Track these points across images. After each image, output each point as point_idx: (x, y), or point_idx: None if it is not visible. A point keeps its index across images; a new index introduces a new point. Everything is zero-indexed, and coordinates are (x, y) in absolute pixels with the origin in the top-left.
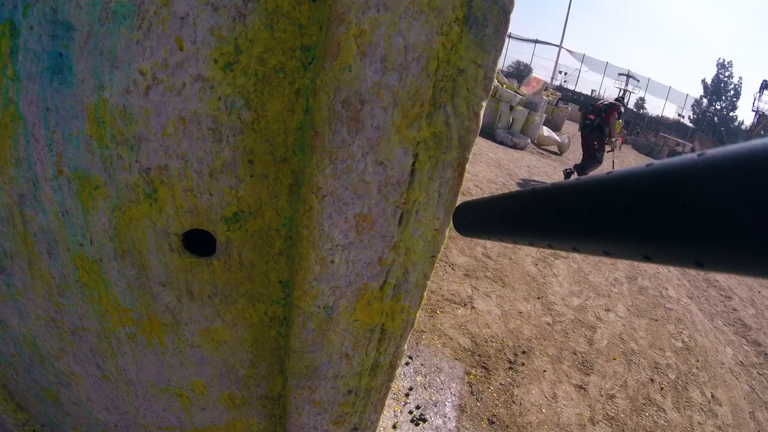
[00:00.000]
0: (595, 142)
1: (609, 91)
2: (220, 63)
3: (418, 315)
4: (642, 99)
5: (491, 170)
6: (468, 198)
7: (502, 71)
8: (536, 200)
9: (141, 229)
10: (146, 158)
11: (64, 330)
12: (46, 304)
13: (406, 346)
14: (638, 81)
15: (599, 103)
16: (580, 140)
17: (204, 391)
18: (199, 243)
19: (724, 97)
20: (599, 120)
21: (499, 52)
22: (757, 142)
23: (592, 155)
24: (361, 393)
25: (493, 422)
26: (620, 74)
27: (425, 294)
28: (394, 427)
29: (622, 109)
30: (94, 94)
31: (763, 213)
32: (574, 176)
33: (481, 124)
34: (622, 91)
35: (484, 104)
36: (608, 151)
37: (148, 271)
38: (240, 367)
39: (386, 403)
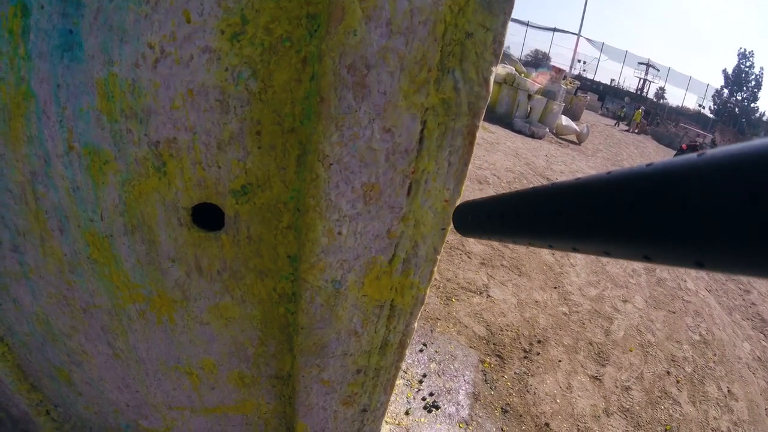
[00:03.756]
0: None
1: (628, 81)
2: (227, 34)
3: (428, 291)
4: (662, 89)
5: (509, 159)
6: (486, 187)
7: (520, 60)
8: (536, 200)
9: (150, 204)
10: (155, 132)
11: (75, 308)
12: (57, 281)
13: (416, 325)
14: (658, 71)
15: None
16: None
17: (213, 369)
18: (208, 217)
19: (745, 88)
20: (690, 153)
21: (508, 15)
22: (756, 142)
23: None
24: (371, 373)
25: (506, 411)
26: (640, 63)
27: (435, 270)
28: (407, 413)
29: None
30: (104, 69)
31: (763, 213)
32: None
33: (491, 91)
34: (641, 81)
35: (494, 69)
36: None
37: (158, 246)
38: (249, 345)
39: (399, 389)
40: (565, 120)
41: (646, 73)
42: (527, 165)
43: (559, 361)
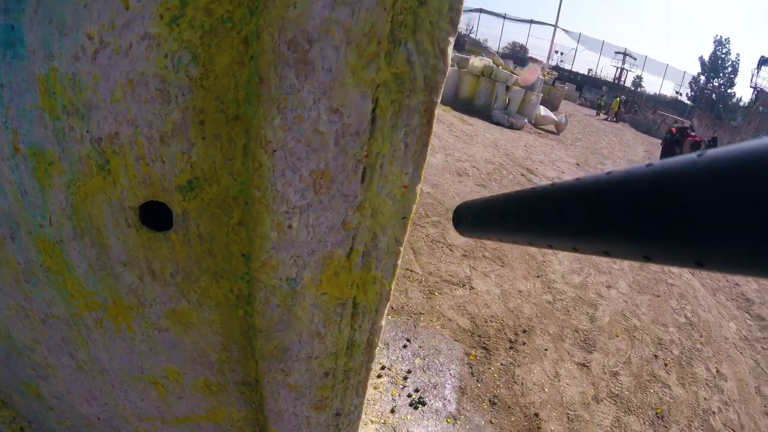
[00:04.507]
0: (668, 155)
1: (606, 70)
2: (166, 18)
3: (393, 286)
4: (639, 77)
5: (488, 151)
6: (465, 179)
7: (498, 53)
8: (536, 200)
9: (97, 205)
10: (97, 127)
11: (34, 319)
12: (14, 292)
13: (383, 323)
14: (635, 59)
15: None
16: (661, 150)
17: (178, 378)
18: (157, 217)
19: (721, 74)
20: (679, 136)
21: None
22: (756, 142)
23: None
24: (340, 375)
25: (494, 403)
26: (617, 53)
27: (399, 263)
28: (393, 411)
29: (702, 146)
30: (45, 65)
31: (763, 213)
32: None
33: (449, 64)
34: (618, 70)
35: (452, 40)
36: None
37: (108, 250)
38: (212, 351)
39: (384, 387)
40: (543, 110)
41: (623, 63)
42: (506, 156)
43: (546, 350)
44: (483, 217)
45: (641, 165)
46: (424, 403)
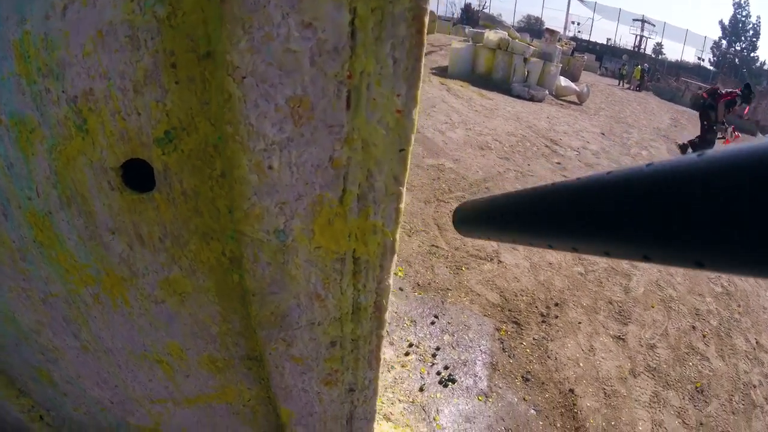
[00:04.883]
0: (705, 122)
1: (625, 39)
2: None
3: (398, 236)
4: (659, 44)
5: (509, 123)
6: (488, 152)
7: (513, 26)
8: (536, 200)
9: (79, 169)
10: (71, 85)
11: (35, 299)
12: (13, 272)
13: (391, 281)
14: (654, 26)
15: (718, 87)
16: (700, 121)
17: (182, 354)
18: (140, 180)
19: (743, 38)
20: (711, 100)
21: None
22: (756, 143)
23: (703, 137)
24: (348, 345)
25: (527, 379)
26: (635, 20)
27: (402, 207)
28: (421, 389)
29: (738, 100)
30: (18, 30)
31: (764, 213)
32: (690, 151)
33: None
34: (638, 38)
35: None
36: (719, 138)
37: (95, 217)
38: (211, 323)
39: (412, 365)
40: (564, 81)
41: (642, 30)
42: (529, 128)
43: (579, 323)
44: (483, 217)
45: (641, 165)
46: (454, 381)
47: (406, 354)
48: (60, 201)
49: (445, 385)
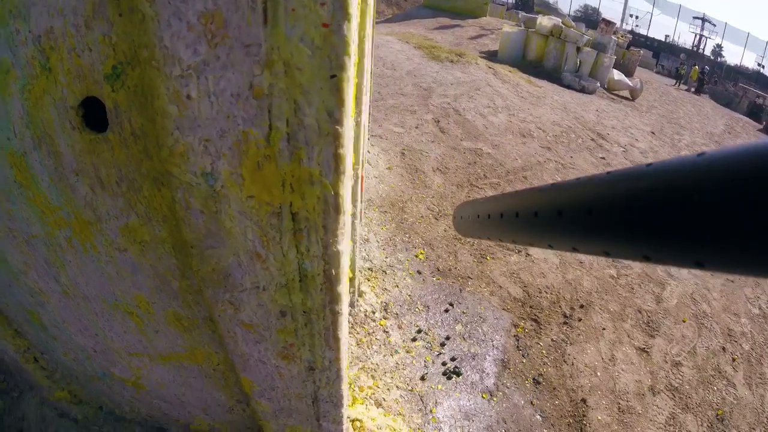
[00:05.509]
0: None
1: (683, 37)
2: None
3: (343, 191)
4: (719, 46)
5: (556, 113)
6: (529, 140)
7: (569, 15)
8: (536, 200)
9: (45, 109)
10: (36, 25)
11: (20, 239)
12: (0, 212)
13: (342, 246)
14: (714, 26)
15: None
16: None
17: (149, 308)
18: (99, 121)
19: None
20: None
21: None
22: (756, 143)
23: None
24: (299, 317)
25: (538, 382)
26: (695, 18)
27: (349, 155)
28: (423, 378)
29: None
30: None
31: (763, 213)
32: None
33: None
34: (697, 37)
35: None
36: None
37: (62, 158)
38: (171, 278)
39: (417, 351)
40: (617, 74)
41: (702, 29)
42: (576, 119)
43: (603, 329)
44: (483, 217)
45: (641, 165)
46: (459, 374)
47: (413, 340)
48: (33, 141)
49: (449, 377)
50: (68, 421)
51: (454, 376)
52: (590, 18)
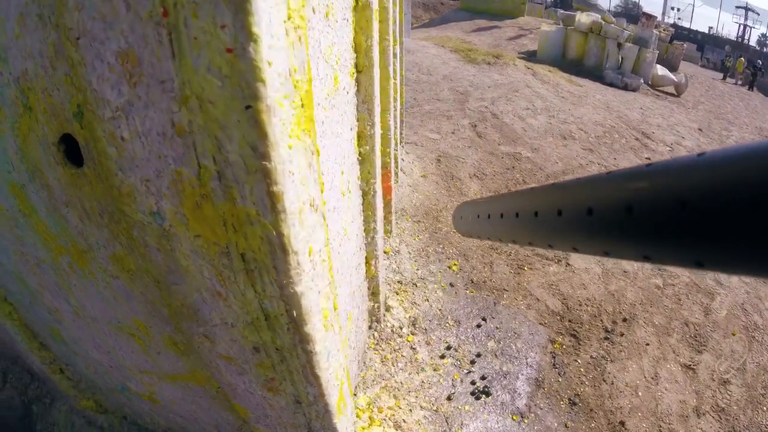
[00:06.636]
0: None
1: (727, 28)
2: None
3: (287, 230)
4: (764, 36)
5: (598, 112)
6: (571, 143)
7: (609, 11)
8: (536, 200)
9: (32, 145)
10: (14, 67)
11: (31, 263)
12: (12, 237)
13: (301, 288)
14: (758, 14)
15: None
16: None
17: (147, 331)
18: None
19: None
20: None
21: None
22: (756, 143)
23: None
24: (273, 354)
25: (574, 403)
26: (737, 7)
27: (282, 190)
28: (449, 398)
29: None
30: None
31: (763, 213)
32: None
33: None
34: (741, 27)
35: None
36: None
37: (53, 191)
38: (160, 305)
39: (445, 369)
40: (661, 70)
41: (745, 18)
42: (619, 118)
43: (647, 344)
44: (483, 217)
45: (641, 165)
46: (488, 394)
47: (442, 357)
48: (28, 174)
49: (478, 397)
50: (95, 429)
51: (483, 396)
52: (631, 12)
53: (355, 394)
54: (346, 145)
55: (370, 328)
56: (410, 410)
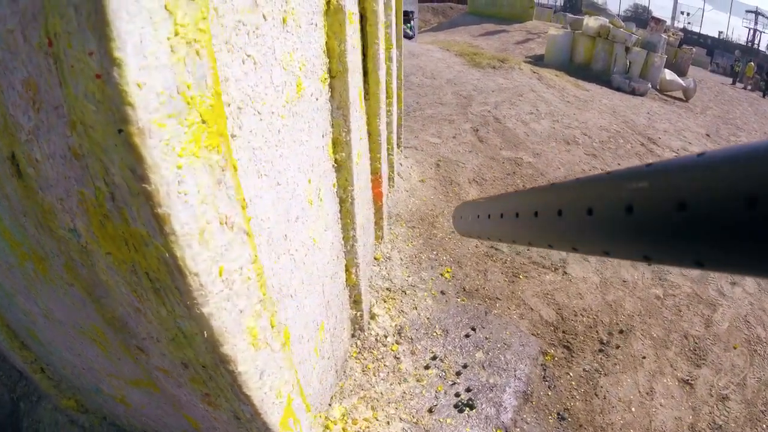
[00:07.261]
0: None
1: (737, 32)
2: None
3: (181, 252)
4: None
5: (604, 117)
6: (574, 148)
7: (619, 15)
8: (536, 200)
9: None
10: None
11: (3, 266)
12: None
13: (209, 309)
14: None
15: None
16: None
17: (105, 338)
18: None
19: None
20: None
21: None
22: (756, 143)
23: None
24: (200, 370)
25: (563, 418)
26: (748, 12)
27: (172, 217)
28: (431, 410)
29: None
30: None
31: (762, 213)
32: None
33: None
34: (751, 32)
35: None
36: None
37: (11, 200)
38: (101, 315)
39: (429, 380)
40: (669, 74)
41: (755, 23)
42: (625, 123)
43: (644, 357)
44: (483, 217)
45: (641, 165)
46: (472, 407)
47: (426, 367)
48: None
49: (461, 410)
50: (77, 428)
51: (467, 408)
52: (640, 17)
53: (330, 405)
54: (314, 152)
55: (352, 336)
56: (388, 422)
